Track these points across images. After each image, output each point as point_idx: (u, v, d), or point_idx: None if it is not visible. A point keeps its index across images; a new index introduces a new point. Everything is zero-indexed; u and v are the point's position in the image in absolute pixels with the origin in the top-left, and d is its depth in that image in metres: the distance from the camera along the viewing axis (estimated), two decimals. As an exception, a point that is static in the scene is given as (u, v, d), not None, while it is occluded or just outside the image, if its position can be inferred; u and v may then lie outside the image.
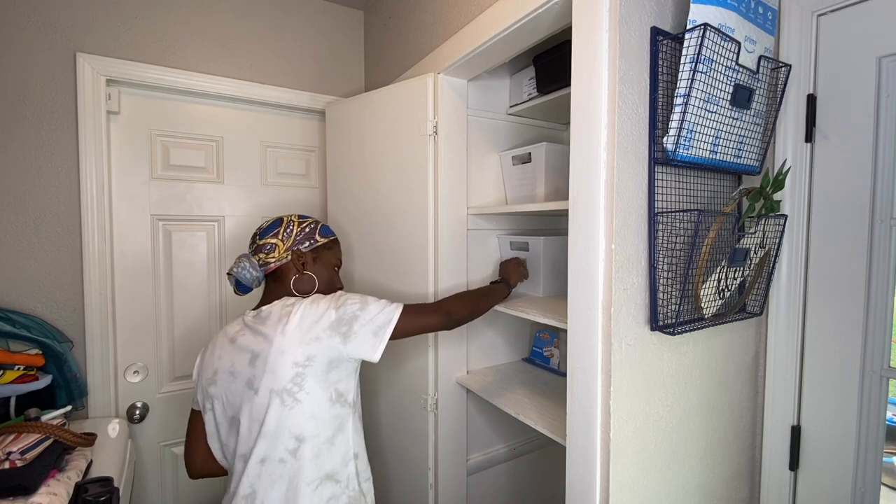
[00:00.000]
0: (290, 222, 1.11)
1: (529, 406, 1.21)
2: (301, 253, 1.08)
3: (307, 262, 1.09)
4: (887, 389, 0.92)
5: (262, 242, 1.08)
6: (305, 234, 1.10)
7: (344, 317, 0.95)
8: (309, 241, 1.10)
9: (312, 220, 1.14)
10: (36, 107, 1.38)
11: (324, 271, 1.12)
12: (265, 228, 1.10)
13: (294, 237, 1.09)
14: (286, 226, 1.10)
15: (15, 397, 1.24)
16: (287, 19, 1.78)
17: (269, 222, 1.12)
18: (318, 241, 1.11)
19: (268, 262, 1.07)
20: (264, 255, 1.07)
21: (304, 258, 1.09)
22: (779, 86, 0.97)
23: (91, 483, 1.03)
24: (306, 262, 1.09)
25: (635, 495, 0.90)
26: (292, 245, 1.08)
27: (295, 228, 1.10)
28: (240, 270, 1.06)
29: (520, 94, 1.48)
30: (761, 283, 1.01)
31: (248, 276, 1.06)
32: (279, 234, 1.08)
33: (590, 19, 0.85)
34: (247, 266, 1.06)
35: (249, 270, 1.06)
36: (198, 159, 1.68)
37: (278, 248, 1.07)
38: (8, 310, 1.34)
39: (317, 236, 1.11)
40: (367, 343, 0.95)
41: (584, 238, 0.87)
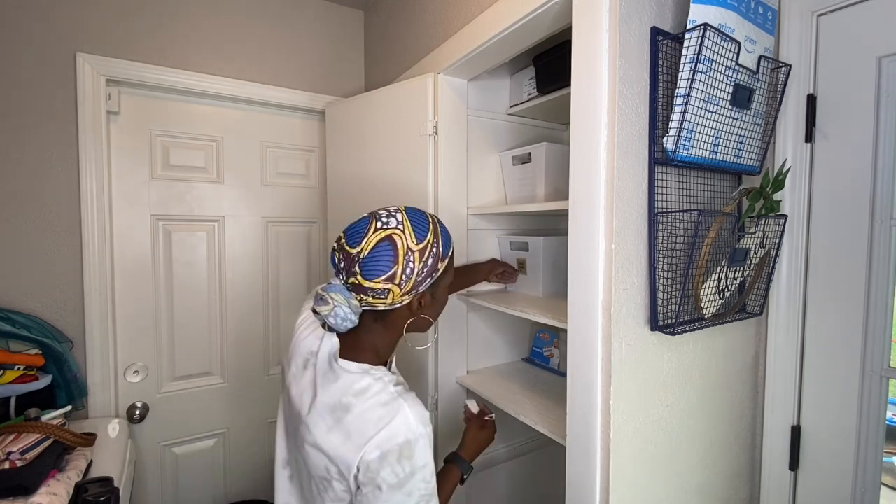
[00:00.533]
0: (407, 255, 0.77)
1: (529, 406, 1.21)
2: (422, 294, 0.82)
3: (425, 303, 0.83)
4: (887, 389, 0.92)
5: (370, 286, 0.76)
6: (428, 269, 0.80)
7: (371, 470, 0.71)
8: (431, 276, 0.81)
9: (431, 237, 0.81)
10: (36, 107, 1.38)
11: (441, 300, 0.88)
12: (371, 259, 0.76)
13: (415, 277, 0.78)
14: (404, 262, 0.77)
15: (15, 397, 1.24)
16: (287, 19, 1.78)
17: (371, 245, 0.77)
18: (439, 270, 0.82)
19: (375, 306, 0.80)
20: (370, 298, 0.78)
21: (423, 298, 0.83)
22: (779, 86, 0.97)
23: (91, 483, 1.03)
24: (425, 302, 0.83)
25: (635, 495, 0.90)
26: (412, 288, 0.79)
27: (417, 264, 0.78)
28: (337, 321, 0.78)
29: (520, 94, 1.48)
30: (761, 283, 1.01)
31: (347, 326, 0.80)
32: (396, 276, 0.76)
33: (590, 19, 0.85)
34: (346, 314, 0.78)
35: (350, 319, 0.79)
36: (198, 159, 1.68)
37: (393, 294, 0.78)
38: (8, 310, 1.34)
39: (439, 263, 0.81)
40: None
41: (584, 238, 0.87)
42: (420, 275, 0.79)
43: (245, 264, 1.78)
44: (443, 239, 0.84)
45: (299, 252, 1.90)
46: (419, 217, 0.83)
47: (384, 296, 0.78)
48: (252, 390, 1.81)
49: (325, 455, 0.75)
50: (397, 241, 0.77)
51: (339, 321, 0.79)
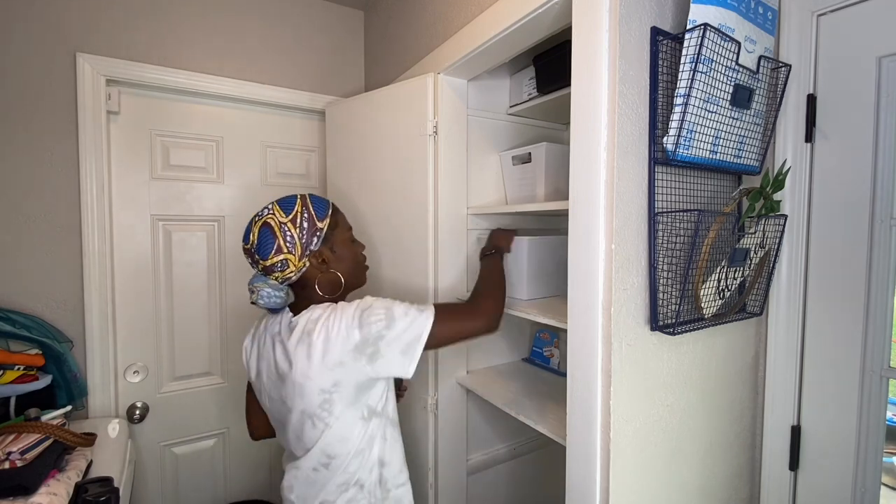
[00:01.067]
0: (282, 226, 0.93)
1: (529, 406, 1.21)
2: (317, 253, 0.96)
3: (327, 259, 0.98)
4: (887, 389, 0.92)
5: (269, 263, 0.93)
6: (308, 231, 0.95)
7: (369, 338, 0.87)
8: (315, 237, 0.95)
9: (299, 206, 0.96)
10: (36, 107, 1.38)
11: (344, 254, 1.01)
12: (259, 244, 0.93)
13: (300, 241, 0.94)
14: (282, 233, 0.93)
15: (15, 397, 1.24)
16: (287, 19, 1.78)
17: (255, 235, 0.94)
18: (323, 231, 0.97)
19: (288, 278, 0.95)
20: (280, 273, 0.94)
21: (322, 255, 0.97)
22: (779, 86, 0.97)
23: (91, 483, 1.03)
24: (325, 258, 0.97)
25: (635, 495, 0.90)
26: (303, 251, 0.94)
27: (294, 231, 0.93)
28: (267, 300, 0.94)
29: (520, 94, 1.48)
30: (761, 283, 1.01)
31: (278, 301, 0.95)
32: (283, 248, 0.92)
33: (590, 19, 0.85)
34: (270, 293, 0.94)
35: (276, 296, 0.95)
36: (198, 159, 1.68)
37: (291, 262, 0.93)
38: (8, 310, 1.34)
39: (319, 225, 0.96)
40: (395, 362, 0.89)
41: (584, 238, 0.87)
42: (302, 237, 0.94)
43: (245, 264, 1.77)
44: (313, 205, 0.99)
45: (299, 252, 1.90)
46: (286, 199, 0.99)
47: (286, 266, 0.94)
48: (252, 390, 1.81)
49: (314, 378, 0.88)
50: (270, 221, 0.94)
51: (269, 300, 0.94)
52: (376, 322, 0.88)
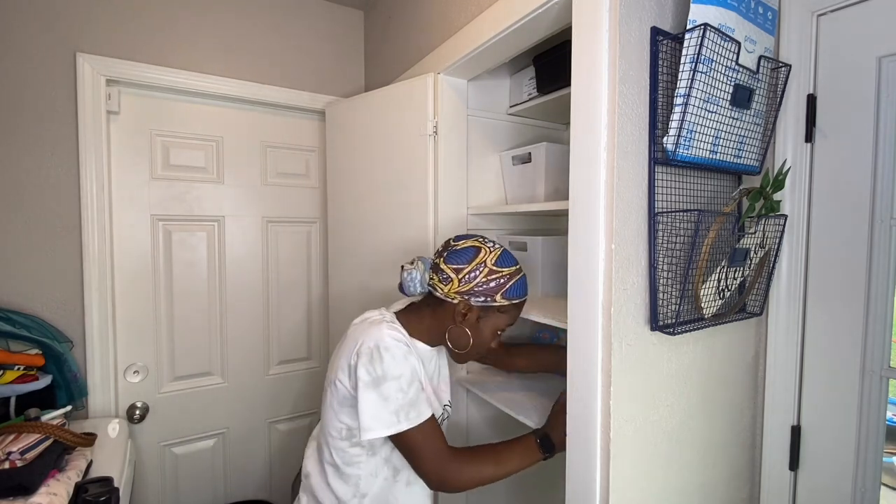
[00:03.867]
0: (481, 264, 0.94)
1: (529, 406, 1.21)
2: (469, 305, 0.94)
3: (469, 316, 0.95)
4: (887, 389, 0.92)
5: (444, 268, 0.95)
6: (487, 289, 0.93)
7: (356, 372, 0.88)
8: (487, 297, 0.94)
9: (508, 272, 0.95)
10: (36, 107, 1.38)
11: (484, 333, 0.98)
12: (457, 252, 0.95)
13: (473, 285, 0.93)
14: (475, 266, 0.93)
15: (15, 397, 1.24)
16: (287, 19, 1.78)
17: (464, 244, 0.96)
18: (495, 302, 0.94)
19: (435, 288, 0.96)
20: (436, 279, 0.96)
21: (469, 311, 0.95)
22: (779, 86, 0.97)
23: (91, 483, 1.03)
24: (469, 315, 0.95)
25: (635, 495, 0.90)
26: (467, 292, 0.93)
27: (481, 275, 0.93)
28: (408, 277, 0.97)
29: (520, 94, 1.48)
30: (761, 283, 1.01)
31: (411, 288, 0.97)
32: (462, 271, 0.93)
33: (590, 19, 0.85)
34: (417, 277, 0.96)
35: (416, 283, 0.97)
36: (198, 159, 1.68)
37: (452, 283, 0.94)
38: (8, 310, 1.34)
39: (498, 296, 0.94)
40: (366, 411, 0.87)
41: (584, 238, 0.87)
42: (479, 286, 0.93)
43: (245, 264, 1.78)
44: (514, 285, 0.96)
45: (299, 252, 1.90)
46: (510, 258, 0.99)
47: (446, 282, 0.94)
48: (252, 390, 1.81)
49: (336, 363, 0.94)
50: (481, 252, 0.96)
51: (409, 279, 0.97)
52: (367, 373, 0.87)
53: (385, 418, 0.87)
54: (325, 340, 1.97)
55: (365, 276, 1.62)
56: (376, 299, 1.58)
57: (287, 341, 1.89)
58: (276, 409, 1.88)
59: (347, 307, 1.71)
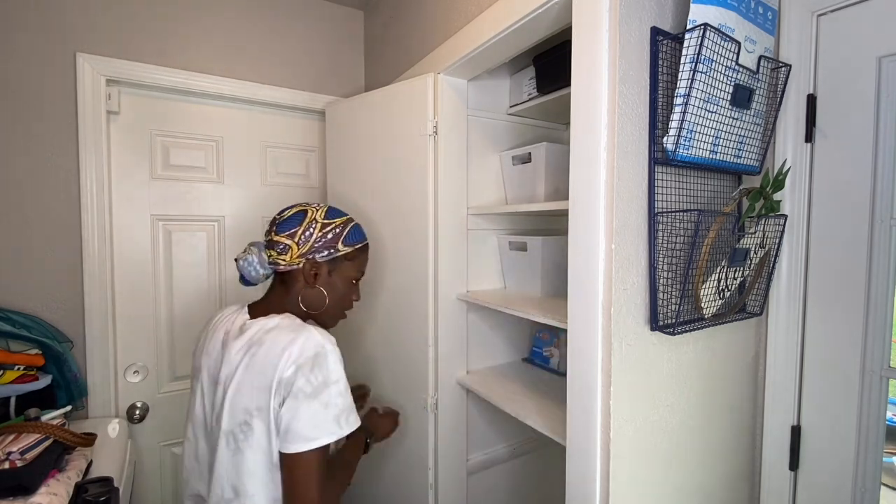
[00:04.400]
0: (312, 222, 0.94)
1: (529, 406, 1.21)
2: (315, 262, 0.94)
3: (320, 274, 0.95)
4: (887, 389, 0.92)
5: (277, 239, 0.93)
6: (326, 242, 0.94)
7: (291, 384, 0.79)
8: (329, 249, 0.94)
9: (340, 222, 0.97)
10: (36, 107, 1.38)
11: (339, 285, 0.98)
12: (285, 220, 0.95)
13: (312, 242, 0.93)
14: (307, 225, 0.93)
15: (15, 397, 1.24)
16: (287, 19, 1.78)
17: (291, 211, 0.96)
18: (338, 251, 0.95)
19: (277, 263, 0.94)
20: (276, 253, 0.93)
21: (318, 269, 0.94)
22: (779, 86, 0.97)
23: (91, 483, 1.03)
24: (319, 273, 0.95)
25: (635, 495, 0.90)
26: (308, 252, 0.93)
27: (316, 231, 0.93)
28: (245, 265, 0.95)
29: (520, 94, 1.48)
30: (761, 283, 1.01)
31: (252, 273, 0.95)
32: (296, 235, 0.93)
33: (590, 19, 0.85)
34: (254, 261, 0.95)
35: (255, 266, 0.95)
36: (198, 159, 1.68)
37: (291, 250, 0.92)
38: (8, 310, 1.34)
39: (339, 245, 0.95)
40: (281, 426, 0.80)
41: (584, 238, 0.87)
42: (317, 241, 0.93)
43: (245, 264, 1.78)
44: (351, 231, 0.98)
45: (299, 252, 1.90)
46: (338, 211, 1.00)
47: (285, 252, 0.93)
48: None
49: (244, 394, 0.82)
50: (308, 212, 0.96)
51: (246, 266, 0.95)
52: (308, 383, 0.80)
53: (327, 426, 0.81)
54: (325, 340, 1.96)
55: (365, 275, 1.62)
56: (377, 298, 1.58)
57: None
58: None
59: (347, 307, 1.71)
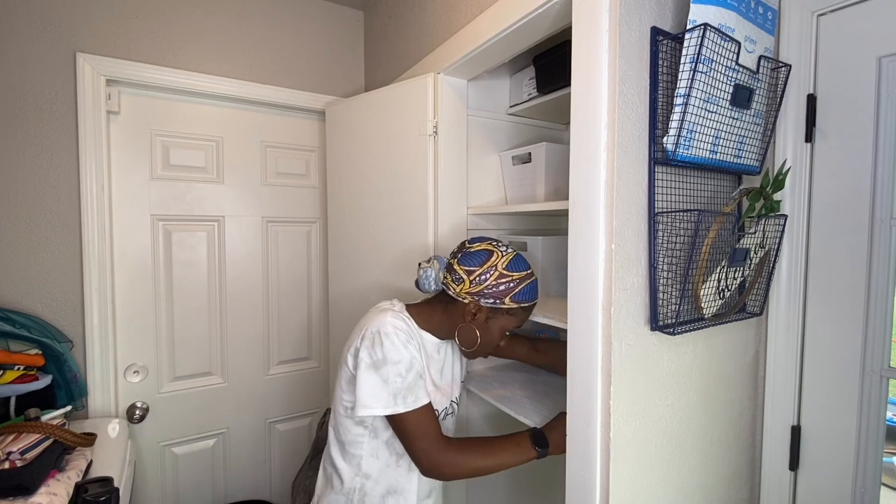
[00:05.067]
0: (492, 267, 0.96)
1: (529, 406, 1.21)
2: (479, 306, 0.97)
3: (479, 315, 0.98)
4: (887, 389, 0.92)
5: (457, 268, 0.98)
6: (496, 292, 0.96)
7: (358, 354, 0.95)
8: (495, 300, 0.96)
9: (518, 276, 0.97)
10: (36, 107, 1.38)
11: (493, 331, 1.01)
12: (470, 254, 0.99)
13: (483, 286, 0.96)
14: (486, 269, 0.96)
15: (15, 397, 1.24)
16: (287, 19, 1.78)
17: (478, 247, 0.99)
18: (503, 305, 0.97)
19: (447, 287, 1.01)
20: (450, 279, 1.00)
21: (479, 311, 0.98)
22: (779, 86, 0.97)
23: (91, 483, 1.03)
24: (479, 314, 0.98)
25: (635, 495, 0.90)
26: (477, 293, 0.96)
27: (491, 278, 0.96)
28: (423, 274, 1.02)
29: (520, 94, 1.47)
30: (761, 283, 1.01)
31: (426, 284, 1.02)
32: (473, 273, 0.96)
33: (590, 19, 0.85)
34: (431, 275, 1.01)
35: (431, 280, 1.01)
36: (198, 159, 1.68)
37: (463, 284, 0.97)
38: (8, 310, 1.34)
39: (506, 300, 0.96)
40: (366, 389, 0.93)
41: (584, 238, 0.87)
42: (488, 288, 0.96)
43: (245, 264, 1.78)
44: (524, 289, 0.98)
45: (299, 252, 1.90)
46: (522, 262, 1.00)
47: (458, 282, 0.98)
48: (252, 390, 1.81)
49: (344, 350, 1.00)
50: (493, 255, 0.98)
51: (423, 276, 1.02)
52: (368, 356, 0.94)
53: (383, 398, 0.93)
54: (325, 340, 1.97)
55: (365, 276, 1.62)
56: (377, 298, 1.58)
57: (287, 341, 1.89)
58: (276, 409, 1.88)
59: (347, 307, 1.71)
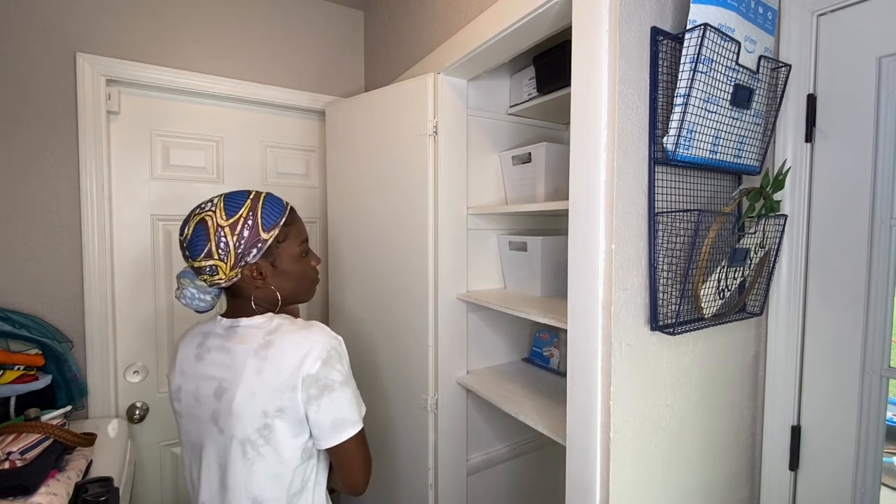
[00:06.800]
0: (219, 230, 0.80)
1: (529, 406, 1.21)
2: (253, 266, 0.84)
3: (265, 274, 0.85)
4: (887, 389, 0.92)
5: (199, 265, 0.82)
6: (247, 241, 0.82)
7: (321, 378, 0.79)
8: (256, 247, 0.83)
9: (246, 209, 0.83)
10: (36, 107, 1.38)
11: (289, 270, 0.89)
12: (190, 241, 0.82)
13: (234, 250, 0.81)
14: (217, 238, 0.80)
15: (15, 397, 1.24)
16: (287, 19, 1.78)
17: (190, 230, 0.82)
18: (266, 243, 0.84)
19: (217, 283, 0.84)
20: (208, 276, 0.83)
21: (259, 269, 0.85)
22: (779, 86, 0.97)
23: (91, 483, 1.03)
24: (264, 273, 0.85)
25: (635, 495, 0.90)
26: (237, 262, 0.82)
27: (230, 238, 0.81)
28: (188, 301, 0.86)
29: (520, 94, 1.48)
30: (761, 283, 1.01)
31: (202, 305, 0.87)
32: (213, 253, 0.80)
33: (590, 19, 0.85)
34: (194, 294, 0.86)
35: (199, 297, 0.86)
36: (198, 159, 1.68)
37: (223, 266, 0.81)
38: (8, 310, 1.34)
39: (262, 236, 0.83)
40: (318, 427, 0.80)
41: (584, 238, 0.87)
42: (238, 247, 0.81)
43: (245, 264, 1.78)
44: (263, 211, 0.85)
45: (299, 252, 1.90)
46: (236, 197, 0.86)
47: (215, 272, 0.82)
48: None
49: (261, 396, 0.78)
50: (207, 221, 0.82)
51: (193, 301, 0.87)
52: (337, 371, 0.81)
53: (357, 414, 0.84)
54: (325, 340, 1.96)
55: (365, 276, 1.62)
56: (376, 298, 1.58)
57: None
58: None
59: (347, 306, 1.71)
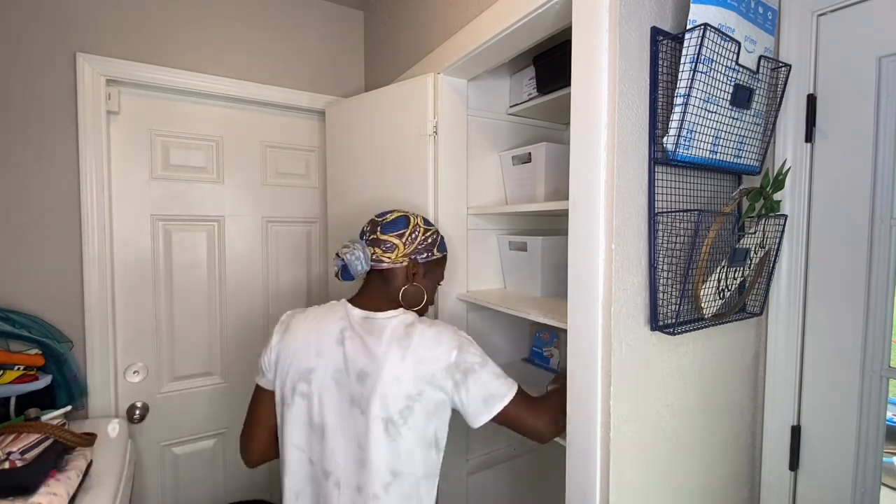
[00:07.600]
0: (416, 227, 1.03)
1: (529, 406, 1.21)
2: (417, 263, 1.02)
3: (418, 274, 1.03)
4: (887, 389, 0.92)
5: (384, 238, 1.00)
6: (427, 245, 1.03)
7: (462, 364, 0.89)
8: (428, 252, 1.03)
9: (435, 230, 1.07)
10: (36, 107, 1.38)
11: (430, 286, 1.07)
12: (390, 222, 1.02)
13: (416, 244, 1.02)
14: (412, 229, 1.02)
15: (15, 397, 1.24)
16: (287, 19, 1.78)
17: (394, 216, 1.04)
18: (434, 256, 1.05)
19: (381, 261, 0.99)
20: (381, 251, 0.99)
21: (418, 269, 1.03)
22: (779, 86, 0.97)
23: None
24: (418, 273, 1.03)
25: (635, 495, 0.90)
26: (412, 252, 1.01)
27: (420, 235, 1.03)
28: (352, 258, 0.99)
29: (520, 94, 1.48)
30: (761, 283, 1.01)
31: (358, 267, 0.99)
32: (404, 236, 1.01)
33: (590, 19, 0.85)
34: (360, 256, 0.99)
35: (362, 261, 0.99)
36: (198, 159, 1.68)
37: (398, 249, 1.00)
38: (8, 310, 1.34)
39: (435, 250, 1.05)
40: (472, 405, 0.90)
41: (584, 238, 0.87)
42: (420, 244, 1.02)
43: (245, 264, 1.78)
44: (442, 239, 1.09)
45: (299, 252, 1.90)
46: (430, 221, 1.10)
47: (391, 250, 0.99)
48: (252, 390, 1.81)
49: (404, 382, 0.88)
50: (410, 218, 1.05)
51: (354, 259, 0.98)
52: (472, 355, 0.91)
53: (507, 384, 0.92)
54: (325, 340, 1.96)
55: (365, 276, 1.62)
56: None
57: (287, 341, 1.89)
58: (276, 409, 1.87)
59: (347, 307, 1.71)
